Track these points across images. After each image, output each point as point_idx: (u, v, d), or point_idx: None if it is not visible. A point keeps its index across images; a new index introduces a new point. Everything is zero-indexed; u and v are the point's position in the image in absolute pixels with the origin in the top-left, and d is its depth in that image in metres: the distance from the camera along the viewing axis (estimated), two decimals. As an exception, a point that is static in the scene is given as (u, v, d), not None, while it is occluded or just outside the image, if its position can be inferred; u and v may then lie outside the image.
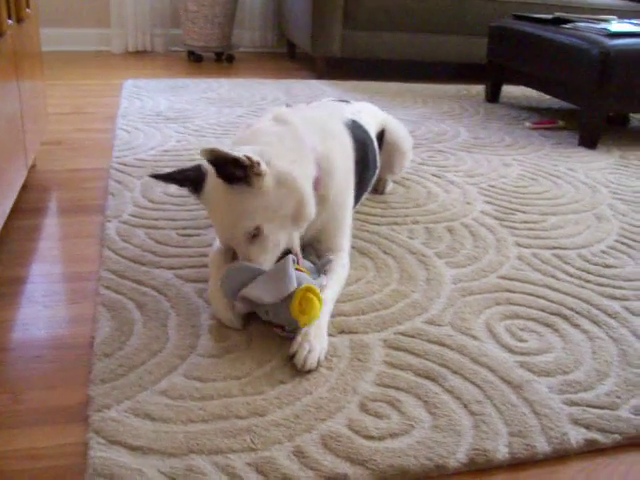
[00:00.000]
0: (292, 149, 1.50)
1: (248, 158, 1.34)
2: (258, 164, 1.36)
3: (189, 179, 1.46)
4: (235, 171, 1.35)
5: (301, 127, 1.58)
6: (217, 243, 1.62)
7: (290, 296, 1.34)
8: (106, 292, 1.54)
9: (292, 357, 1.33)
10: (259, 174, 1.37)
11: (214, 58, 4.90)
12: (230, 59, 4.87)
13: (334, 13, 4.14)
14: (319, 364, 1.32)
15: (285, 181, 1.41)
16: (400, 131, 2.26)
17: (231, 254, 1.61)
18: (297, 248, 1.48)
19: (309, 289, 1.35)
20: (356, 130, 1.85)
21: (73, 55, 4.73)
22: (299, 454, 1.09)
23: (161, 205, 2.05)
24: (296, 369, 1.30)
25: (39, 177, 2.29)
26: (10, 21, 1.79)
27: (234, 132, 2.88)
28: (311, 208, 1.48)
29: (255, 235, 1.39)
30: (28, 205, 2.05)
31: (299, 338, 1.35)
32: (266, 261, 1.41)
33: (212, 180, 1.42)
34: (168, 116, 3.09)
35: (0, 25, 1.66)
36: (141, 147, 2.60)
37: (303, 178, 1.47)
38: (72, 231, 1.89)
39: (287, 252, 1.43)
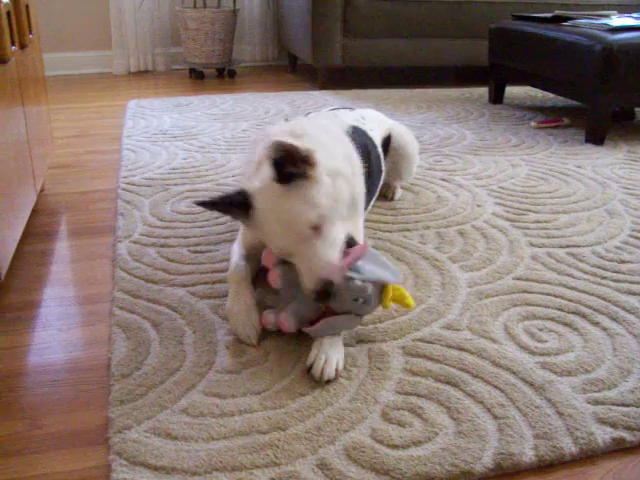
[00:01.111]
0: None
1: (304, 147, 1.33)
2: (312, 152, 1.34)
3: (235, 203, 1.39)
4: (291, 168, 1.33)
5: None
6: (236, 259, 1.61)
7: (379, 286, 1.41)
8: (120, 312, 1.54)
9: (309, 369, 1.32)
10: (313, 163, 1.35)
11: (216, 74, 4.92)
12: (232, 74, 4.89)
13: (333, 23, 4.15)
14: (338, 374, 1.31)
15: (336, 171, 1.42)
16: (406, 136, 2.25)
17: (252, 269, 1.61)
18: (362, 239, 1.53)
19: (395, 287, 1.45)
20: (357, 136, 1.84)
21: (76, 78, 4.76)
22: (323, 467, 1.08)
23: (171, 223, 2.05)
24: (315, 381, 1.29)
25: (48, 201, 2.29)
26: (14, 47, 1.80)
27: (240, 147, 2.89)
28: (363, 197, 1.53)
29: (318, 228, 1.34)
30: (38, 229, 2.05)
31: (314, 350, 1.35)
32: (334, 254, 1.35)
33: (263, 194, 1.36)
34: (173, 134, 3.09)
35: (4, 51, 1.66)
36: (148, 166, 2.60)
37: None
38: (83, 253, 1.89)
39: (349, 244, 1.42)
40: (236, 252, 1.65)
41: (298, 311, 1.40)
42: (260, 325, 1.45)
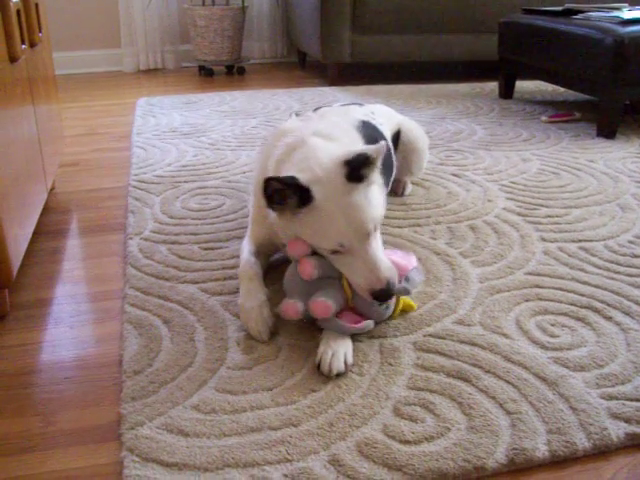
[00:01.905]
0: None
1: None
2: (379, 158, 1.38)
3: (298, 191, 1.34)
4: (364, 170, 1.37)
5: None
6: (246, 255, 1.61)
7: None
8: (132, 309, 1.54)
9: (318, 366, 1.32)
10: (377, 169, 1.39)
11: (225, 72, 4.93)
12: (241, 71, 4.89)
13: (342, 19, 4.14)
14: (347, 368, 1.31)
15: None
16: (416, 131, 2.24)
17: (262, 265, 1.62)
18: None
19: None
20: (367, 130, 1.83)
21: (86, 77, 4.78)
22: (335, 463, 1.08)
23: (181, 220, 2.05)
24: (326, 377, 1.29)
25: (59, 199, 2.30)
26: (24, 46, 1.81)
27: (250, 144, 2.89)
28: None
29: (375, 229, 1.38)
30: (50, 227, 2.06)
31: (321, 346, 1.35)
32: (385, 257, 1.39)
33: (329, 188, 1.35)
34: (183, 131, 3.10)
35: (14, 50, 1.67)
36: (158, 164, 2.61)
37: None
38: (94, 251, 1.90)
39: None
40: (246, 248, 1.65)
41: (335, 296, 1.39)
42: (272, 321, 1.45)
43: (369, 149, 1.37)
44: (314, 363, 1.33)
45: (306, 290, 1.41)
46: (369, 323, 1.39)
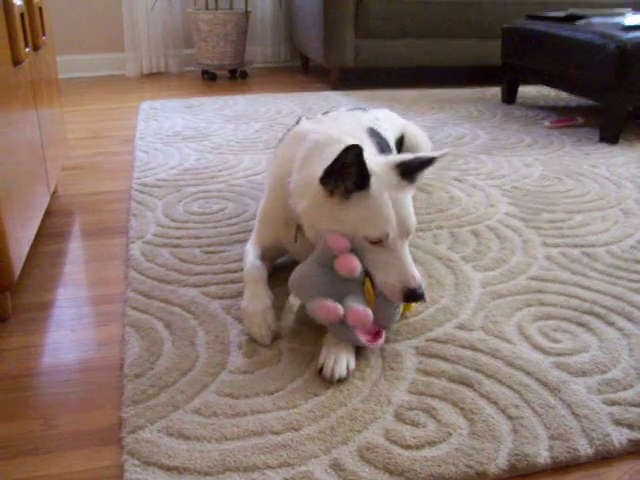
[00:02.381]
0: None
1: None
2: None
3: (363, 175, 1.35)
4: (417, 173, 1.45)
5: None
6: (251, 258, 1.61)
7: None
8: (133, 313, 1.54)
9: (320, 370, 1.31)
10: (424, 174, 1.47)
11: (228, 76, 4.93)
12: (244, 75, 4.89)
13: (345, 24, 4.15)
14: (349, 373, 1.31)
15: None
16: (419, 136, 2.24)
17: (268, 268, 1.62)
18: None
19: None
20: (375, 138, 1.84)
21: (89, 81, 4.79)
22: (336, 467, 1.08)
23: (184, 224, 2.05)
24: (328, 381, 1.29)
25: (61, 202, 2.30)
26: (27, 49, 1.81)
27: (252, 148, 2.89)
28: None
29: None
30: (52, 230, 2.06)
31: (324, 351, 1.35)
32: None
33: (384, 180, 1.39)
34: (186, 135, 3.10)
35: (18, 53, 1.67)
36: (161, 167, 2.61)
37: None
38: (96, 254, 1.90)
39: None
40: (251, 252, 1.64)
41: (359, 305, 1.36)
42: (275, 325, 1.44)
43: (427, 155, 1.45)
44: (316, 368, 1.33)
45: (327, 291, 1.36)
46: (382, 342, 1.38)
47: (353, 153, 1.29)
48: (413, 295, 1.33)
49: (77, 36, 4.88)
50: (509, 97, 3.90)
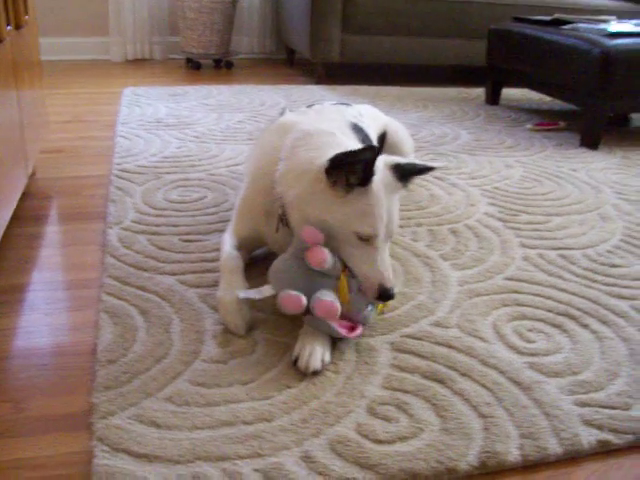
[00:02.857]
0: None
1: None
2: None
3: (371, 166, 1.37)
4: (412, 177, 1.51)
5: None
6: (228, 248, 1.60)
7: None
8: (108, 299, 1.53)
9: (295, 362, 1.31)
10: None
11: (213, 65, 4.90)
12: (229, 66, 4.87)
13: (333, 18, 4.14)
14: (324, 366, 1.31)
15: None
16: (401, 133, 2.24)
17: (244, 258, 1.61)
18: None
19: None
20: (358, 134, 1.84)
21: (72, 64, 4.73)
22: (307, 459, 1.08)
23: (162, 211, 2.03)
24: (302, 374, 1.28)
25: (39, 185, 2.28)
26: (9, 27, 1.78)
27: (235, 138, 2.87)
28: None
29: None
30: (28, 213, 2.03)
31: (300, 342, 1.35)
32: None
33: (383, 177, 1.42)
34: (168, 123, 3.08)
35: (-1, 31, 1.65)
36: (141, 154, 2.59)
37: None
38: (73, 238, 1.88)
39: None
40: (228, 241, 1.64)
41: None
42: (250, 315, 1.44)
43: (425, 164, 1.52)
44: (290, 359, 1.32)
45: (302, 285, 1.36)
46: (359, 333, 1.38)
47: (372, 153, 1.34)
48: (386, 294, 1.37)
49: (61, 18, 4.82)
50: (493, 98, 3.92)
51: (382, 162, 1.44)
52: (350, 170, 1.35)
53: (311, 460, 1.07)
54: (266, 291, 1.40)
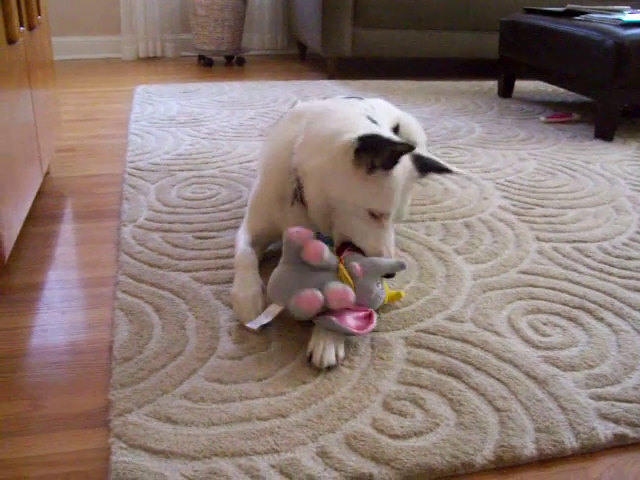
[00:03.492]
0: None
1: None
2: None
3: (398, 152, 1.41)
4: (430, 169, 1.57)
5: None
6: (242, 244, 1.61)
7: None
8: (124, 296, 1.53)
9: (310, 358, 1.31)
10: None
11: (224, 62, 4.90)
12: (240, 62, 4.87)
13: (344, 13, 4.13)
14: (339, 361, 1.31)
15: None
16: (413, 126, 2.23)
17: (258, 255, 1.61)
18: None
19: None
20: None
21: (84, 63, 4.75)
22: (323, 455, 1.08)
23: (176, 208, 2.04)
24: (317, 369, 1.29)
25: (54, 184, 2.29)
26: (22, 28, 1.79)
27: (247, 134, 2.88)
28: None
29: None
30: (44, 212, 2.05)
31: (314, 338, 1.35)
32: None
33: (404, 165, 1.48)
34: (180, 120, 3.09)
35: (13, 31, 1.65)
36: (154, 151, 2.60)
37: None
38: (88, 236, 1.89)
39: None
40: (242, 238, 1.64)
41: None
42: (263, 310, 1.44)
43: (445, 165, 1.58)
44: (305, 355, 1.33)
45: (304, 286, 1.35)
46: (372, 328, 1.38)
47: (408, 147, 1.39)
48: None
49: (73, 18, 4.84)
50: (506, 91, 3.89)
51: (410, 154, 1.50)
52: (378, 154, 1.39)
53: (327, 455, 1.08)
54: (273, 310, 1.40)
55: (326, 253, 1.38)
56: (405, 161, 1.47)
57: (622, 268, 1.76)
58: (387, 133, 1.56)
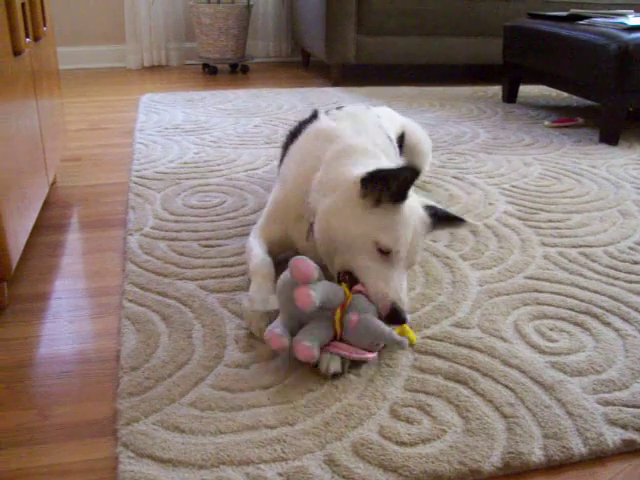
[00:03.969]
0: None
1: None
2: None
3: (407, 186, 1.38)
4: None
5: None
6: (260, 252, 1.61)
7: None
8: (130, 305, 1.54)
9: (316, 366, 1.31)
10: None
11: (229, 70, 4.92)
12: (245, 70, 4.89)
13: (347, 20, 4.14)
14: (345, 369, 1.31)
15: None
16: (419, 133, 2.24)
17: (274, 261, 1.60)
18: None
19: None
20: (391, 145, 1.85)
21: (89, 72, 4.78)
22: (330, 463, 1.08)
23: (182, 217, 2.05)
24: (324, 377, 1.29)
25: (60, 193, 2.30)
26: (28, 39, 1.80)
27: (252, 142, 2.89)
28: None
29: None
30: (50, 221, 2.05)
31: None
32: None
33: (413, 205, 1.45)
34: (185, 128, 3.10)
35: (19, 43, 1.67)
36: (160, 160, 2.61)
37: None
38: (94, 246, 1.90)
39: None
40: (257, 246, 1.63)
41: (319, 336, 1.31)
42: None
43: (457, 215, 1.54)
44: (311, 363, 1.32)
45: (296, 315, 1.32)
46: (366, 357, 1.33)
47: (412, 175, 1.35)
48: (398, 316, 1.33)
49: (78, 27, 4.87)
50: (510, 96, 3.90)
51: (419, 202, 1.47)
52: (386, 186, 1.36)
53: (334, 463, 1.08)
54: (272, 302, 1.39)
55: (314, 305, 1.26)
56: (415, 203, 1.45)
57: (629, 272, 1.76)
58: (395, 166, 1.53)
